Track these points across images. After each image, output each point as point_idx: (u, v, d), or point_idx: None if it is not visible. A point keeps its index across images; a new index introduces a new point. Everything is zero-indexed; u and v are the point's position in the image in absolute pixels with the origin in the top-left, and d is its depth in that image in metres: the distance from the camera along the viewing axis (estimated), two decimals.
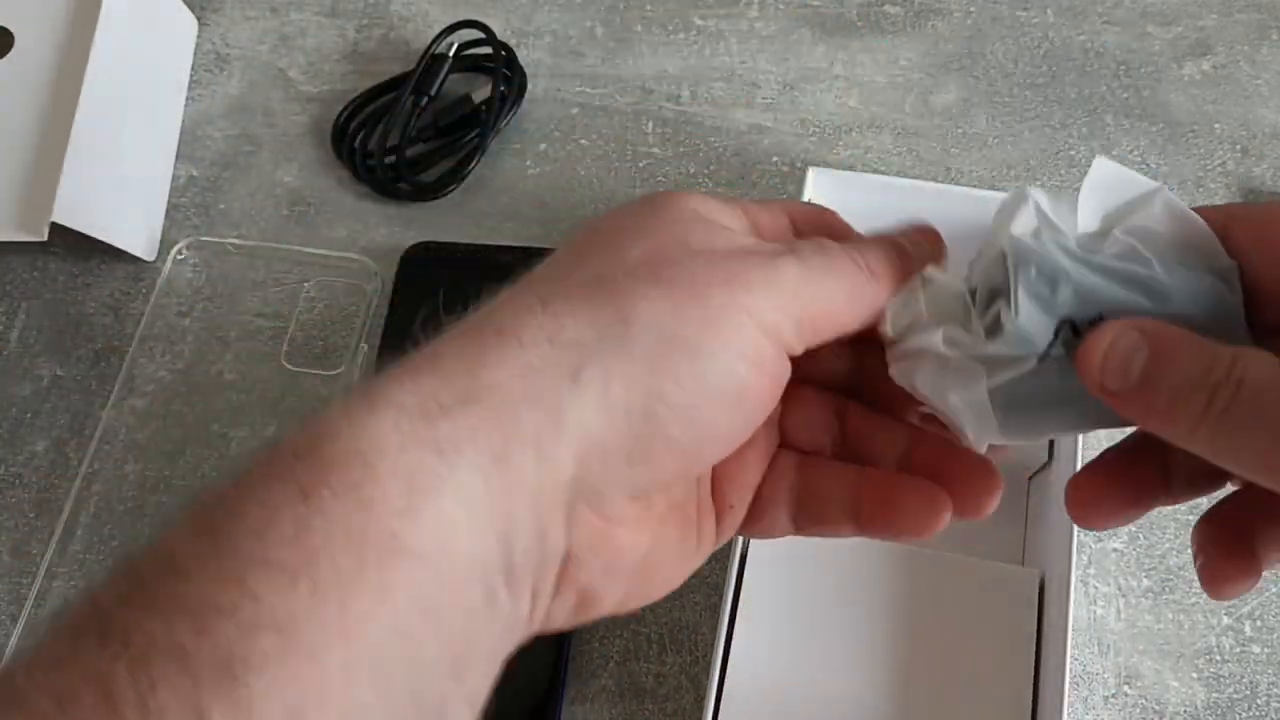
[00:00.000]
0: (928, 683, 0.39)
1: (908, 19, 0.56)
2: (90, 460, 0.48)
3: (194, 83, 0.58)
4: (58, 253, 0.54)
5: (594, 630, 0.44)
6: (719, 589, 0.44)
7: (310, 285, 0.52)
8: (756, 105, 0.55)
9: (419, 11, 0.59)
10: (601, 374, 0.21)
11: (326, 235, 0.53)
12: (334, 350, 0.50)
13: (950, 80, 0.55)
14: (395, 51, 0.58)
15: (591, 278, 0.22)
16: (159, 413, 0.49)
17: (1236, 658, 0.42)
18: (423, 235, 0.52)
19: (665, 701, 0.43)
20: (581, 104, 0.56)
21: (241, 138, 0.56)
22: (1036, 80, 0.54)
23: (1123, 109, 0.53)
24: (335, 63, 0.58)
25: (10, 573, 0.47)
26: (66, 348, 0.52)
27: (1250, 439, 0.20)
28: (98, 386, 0.51)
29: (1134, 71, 0.54)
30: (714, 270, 0.22)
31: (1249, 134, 0.52)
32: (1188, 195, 0.51)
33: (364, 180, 0.54)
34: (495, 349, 0.21)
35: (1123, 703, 0.42)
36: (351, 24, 0.59)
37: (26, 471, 0.49)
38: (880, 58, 0.56)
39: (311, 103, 0.57)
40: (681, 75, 0.56)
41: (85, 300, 0.53)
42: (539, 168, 0.54)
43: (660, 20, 0.57)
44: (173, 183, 0.55)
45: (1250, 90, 0.53)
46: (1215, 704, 0.42)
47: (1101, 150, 0.52)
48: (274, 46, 0.58)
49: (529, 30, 0.58)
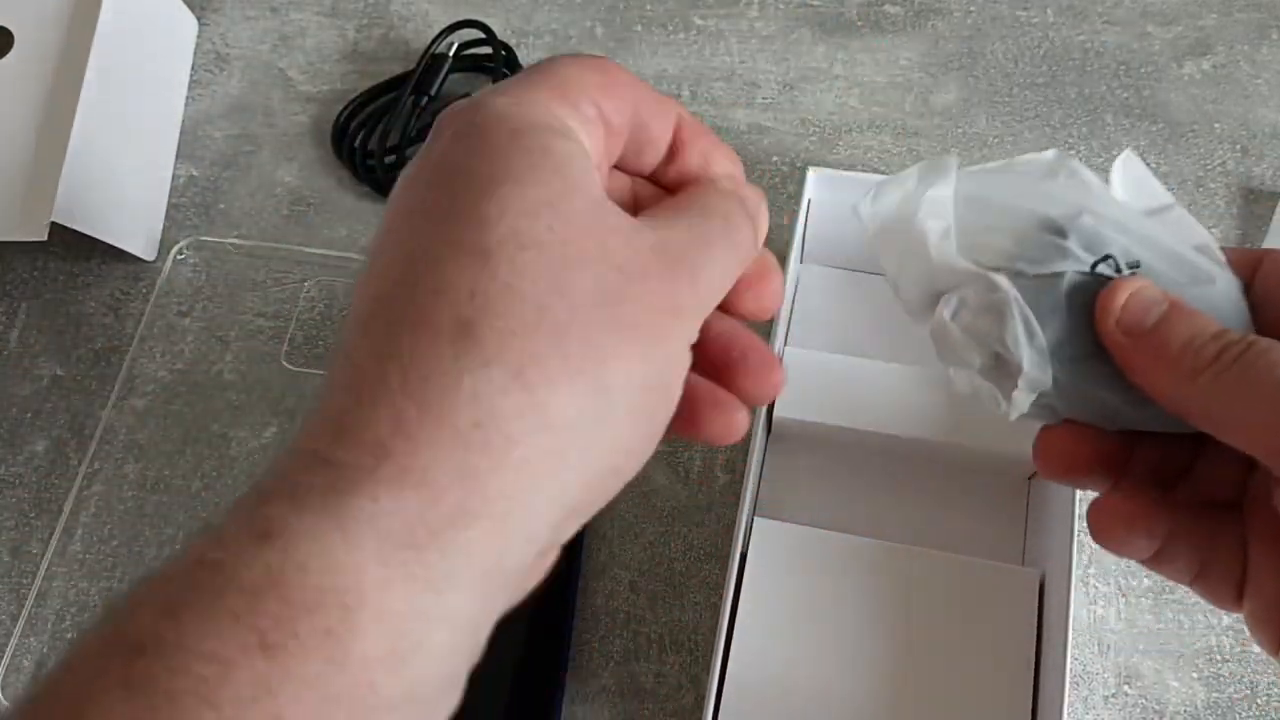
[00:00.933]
0: (928, 683, 0.39)
1: (908, 19, 0.56)
2: (90, 460, 0.48)
3: (194, 83, 0.58)
4: (58, 253, 0.54)
5: (594, 630, 0.44)
6: (719, 589, 0.44)
7: (310, 285, 0.52)
8: (756, 105, 0.55)
9: (419, 11, 0.59)
10: (587, 453, 0.20)
11: (326, 235, 0.53)
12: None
13: (950, 80, 0.55)
14: (395, 51, 0.58)
15: (539, 318, 0.19)
16: (159, 413, 0.49)
17: (1236, 658, 0.42)
18: None
19: (665, 701, 0.43)
20: None
21: (241, 138, 0.56)
22: (1036, 80, 0.54)
23: (1123, 109, 0.53)
24: (335, 63, 0.58)
25: (10, 573, 0.47)
26: (66, 348, 0.52)
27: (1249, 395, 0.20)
28: (98, 386, 0.51)
29: (1134, 71, 0.54)
30: (659, 298, 0.21)
31: (1249, 134, 0.52)
32: (1188, 195, 0.51)
33: (364, 180, 0.54)
34: (480, 449, 0.18)
35: (1123, 703, 0.42)
36: (351, 24, 0.59)
37: (26, 471, 0.49)
38: (880, 58, 0.56)
39: (311, 103, 0.57)
40: (681, 75, 0.56)
41: (85, 300, 0.53)
42: None
43: (660, 20, 0.57)
44: (173, 183, 0.55)
45: (1250, 90, 0.53)
46: (1215, 704, 0.42)
47: (1101, 150, 0.52)
48: (274, 46, 0.58)
49: (529, 30, 0.58)
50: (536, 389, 0.19)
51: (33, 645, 0.45)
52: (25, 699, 0.16)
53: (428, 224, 0.20)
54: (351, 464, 0.18)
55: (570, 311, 0.19)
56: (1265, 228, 0.50)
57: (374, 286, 0.20)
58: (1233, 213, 0.50)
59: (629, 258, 0.21)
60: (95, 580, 0.46)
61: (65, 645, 0.45)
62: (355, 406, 0.18)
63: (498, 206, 0.20)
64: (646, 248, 0.21)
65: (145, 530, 0.47)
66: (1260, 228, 0.50)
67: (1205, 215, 0.50)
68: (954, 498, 0.45)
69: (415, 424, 0.18)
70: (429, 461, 0.18)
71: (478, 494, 0.18)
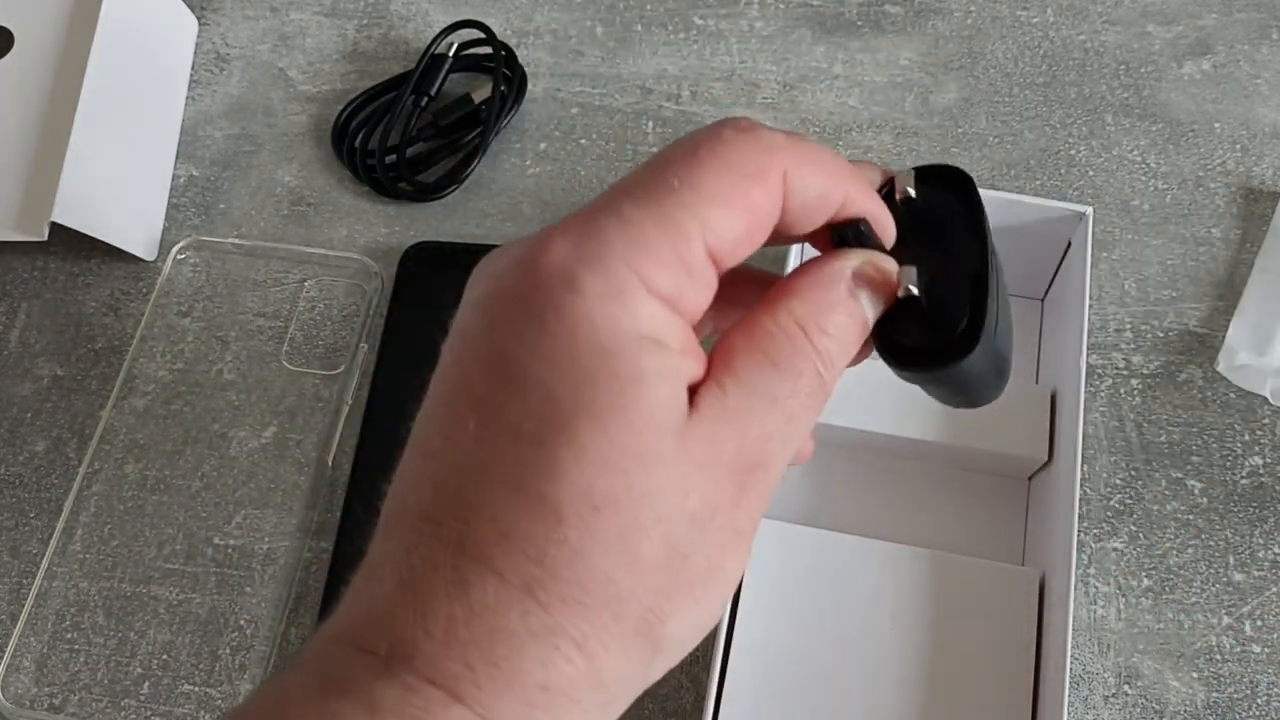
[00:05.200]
0: (928, 683, 0.39)
1: (908, 19, 0.56)
2: (90, 460, 0.48)
3: (194, 83, 0.58)
4: (58, 253, 0.54)
5: None
6: None
7: (310, 285, 0.52)
8: (756, 105, 0.55)
9: (419, 11, 0.59)
10: (634, 692, 0.21)
11: (326, 235, 0.53)
12: (334, 350, 0.50)
13: (950, 80, 0.55)
14: (395, 51, 0.58)
15: (604, 590, 0.19)
16: (159, 413, 0.49)
17: (1236, 657, 0.42)
18: (423, 235, 0.52)
19: (665, 701, 0.43)
20: (581, 104, 0.56)
21: (241, 138, 0.56)
22: (1036, 80, 0.54)
23: (1123, 109, 0.53)
24: (335, 62, 0.58)
25: (10, 573, 0.47)
26: (66, 348, 0.52)
27: None
28: (98, 386, 0.51)
29: (1134, 71, 0.54)
30: (726, 535, 0.20)
31: (1249, 134, 0.52)
32: (1188, 195, 0.51)
33: (364, 180, 0.54)
34: (544, 708, 0.19)
35: (1123, 703, 0.42)
36: (351, 24, 0.59)
37: (26, 471, 0.49)
38: (880, 57, 0.56)
39: (311, 103, 0.57)
40: (681, 75, 0.56)
41: (85, 300, 0.53)
42: (539, 168, 0.54)
43: (660, 20, 0.57)
44: (173, 183, 0.55)
45: (1250, 90, 0.53)
46: (1215, 704, 0.42)
47: (1102, 150, 0.52)
48: (274, 46, 0.58)
49: (529, 30, 0.58)
50: (595, 657, 0.19)
51: (33, 645, 0.45)
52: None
53: (484, 437, 0.19)
54: (424, 696, 0.18)
55: (634, 579, 0.19)
56: (1265, 228, 0.50)
57: (422, 491, 0.20)
58: (1233, 213, 0.50)
59: (703, 500, 0.20)
60: (95, 580, 0.46)
61: (65, 645, 0.45)
62: (424, 637, 0.19)
63: (574, 456, 0.19)
64: (723, 474, 0.20)
65: (145, 530, 0.47)
66: (1260, 228, 0.50)
67: (1205, 215, 0.50)
68: (954, 498, 0.45)
69: (485, 677, 0.19)
70: (496, 715, 0.19)
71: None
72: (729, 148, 0.20)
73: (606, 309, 0.19)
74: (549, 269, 0.19)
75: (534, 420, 0.19)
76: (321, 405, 0.49)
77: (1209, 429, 0.46)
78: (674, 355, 0.20)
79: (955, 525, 0.44)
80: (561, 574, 0.19)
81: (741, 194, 0.20)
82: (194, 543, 0.47)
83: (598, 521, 0.19)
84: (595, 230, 0.20)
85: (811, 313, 0.21)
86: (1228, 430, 0.46)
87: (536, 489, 0.19)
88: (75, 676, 0.45)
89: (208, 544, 0.47)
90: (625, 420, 0.19)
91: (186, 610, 0.45)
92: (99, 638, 0.45)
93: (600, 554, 0.19)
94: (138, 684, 0.44)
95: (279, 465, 0.48)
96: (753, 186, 0.20)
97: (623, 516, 0.19)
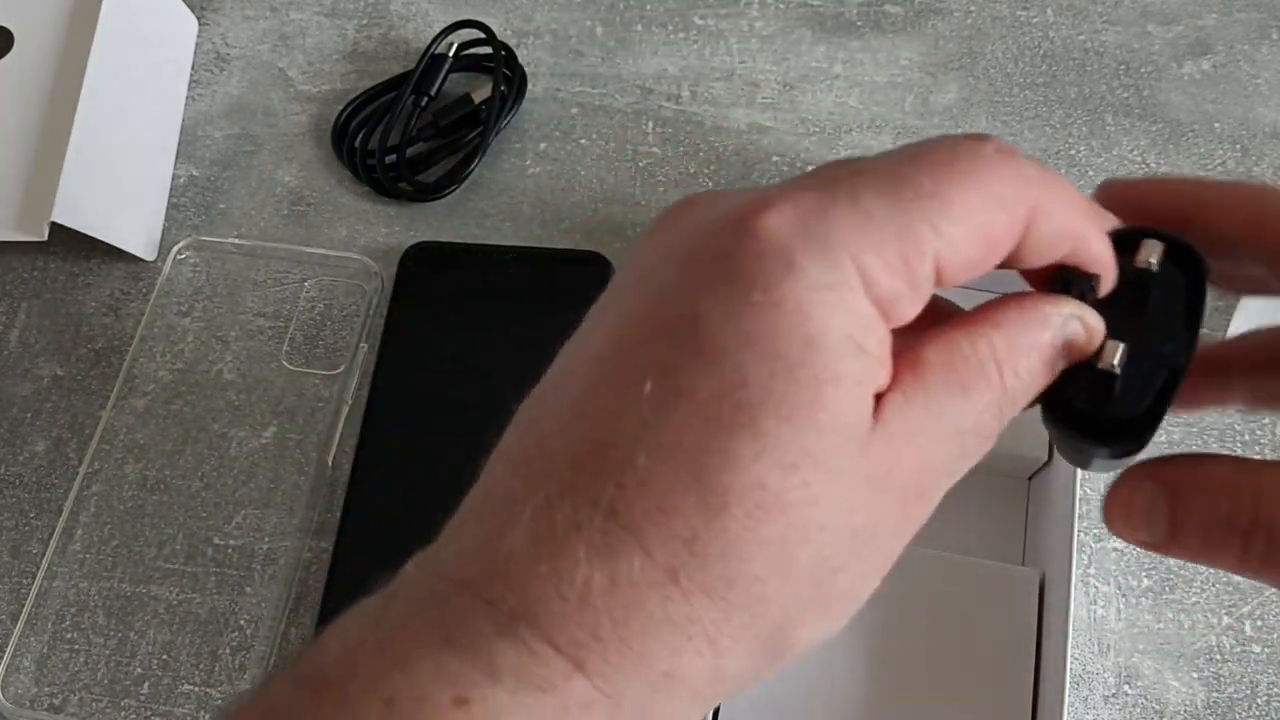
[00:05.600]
0: (928, 683, 0.39)
1: (908, 19, 0.56)
2: (90, 460, 0.48)
3: (194, 83, 0.58)
4: (58, 253, 0.54)
5: None
6: None
7: (310, 285, 0.52)
8: (756, 105, 0.55)
9: (419, 11, 0.59)
10: (743, 688, 0.20)
11: (326, 235, 0.53)
12: (334, 350, 0.50)
13: (950, 80, 0.55)
14: (395, 51, 0.58)
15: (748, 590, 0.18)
16: (159, 413, 0.49)
17: (1236, 657, 0.42)
18: (423, 235, 0.52)
19: None
20: (581, 104, 0.56)
21: (241, 138, 0.56)
22: (1036, 80, 0.54)
23: (1123, 109, 0.53)
24: (335, 62, 0.58)
25: (10, 573, 0.47)
26: (66, 348, 0.52)
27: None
28: (98, 386, 0.51)
29: (1134, 71, 0.54)
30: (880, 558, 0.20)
31: (1249, 134, 0.52)
32: None
33: (364, 180, 0.54)
34: (665, 694, 0.19)
35: (1123, 703, 0.42)
36: (351, 24, 0.59)
37: (26, 471, 0.49)
38: (880, 57, 0.56)
39: (311, 103, 0.57)
40: (681, 75, 0.56)
41: (85, 300, 0.53)
42: (539, 168, 0.54)
43: (660, 20, 0.57)
44: (173, 183, 0.55)
45: (1250, 90, 0.53)
46: (1215, 704, 0.42)
47: (1102, 150, 0.52)
48: (274, 46, 0.58)
49: (529, 30, 0.58)
50: (724, 655, 0.19)
51: (33, 645, 0.45)
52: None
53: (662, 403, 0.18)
54: (545, 663, 0.18)
55: (782, 585, 0.18)
56: None
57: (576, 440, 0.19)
58: None
59: (869, 518, 0.19)
60: (95, 580, 0.46)
61: (65, 645, 0.45)
62: (556, 597, 0.18)
63: (754, 447, 0.18)
64: (893, 497, 0.19)
65: (145, 530, 0.47)
66: None
67: None
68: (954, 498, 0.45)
69: (614, 652, 0.18)
70: (618, 692, 0.18)
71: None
72: (990, 168, 0.19)
73: (821, 300, 0.18)
74: (767, 239, 0.18)
75: (719, 400, 0.18)
76: (321, 405, 0.49)
77: (1209, 429, 0.46)
78: (873, 363, 0.19)
79: (955, 525, 0.44)
80: (711, 565, 0.18)
81: (988, 220, 0.19)
82: (194, 543, 0.47)
83: (763, 519, 0.18)
84: (826, 210, 0.19)
85: (1010, 351, 0.20)
86: (1228, 430, 0.46)
87: (708, 471, 0.18)
88: (75, 676, 0.45)
89: (208, 544, 0.47)
90: (814, 422, 0.18)
91: (186, 610, 0.45)
92: (99, 638, 0.45)
93: (756, 553, 0.18)
94: (138, 684, 0.44)
95: (279, 465, 0.48)
96: (1000, 215, 0.19)
97: (789, 519, 0.18)
